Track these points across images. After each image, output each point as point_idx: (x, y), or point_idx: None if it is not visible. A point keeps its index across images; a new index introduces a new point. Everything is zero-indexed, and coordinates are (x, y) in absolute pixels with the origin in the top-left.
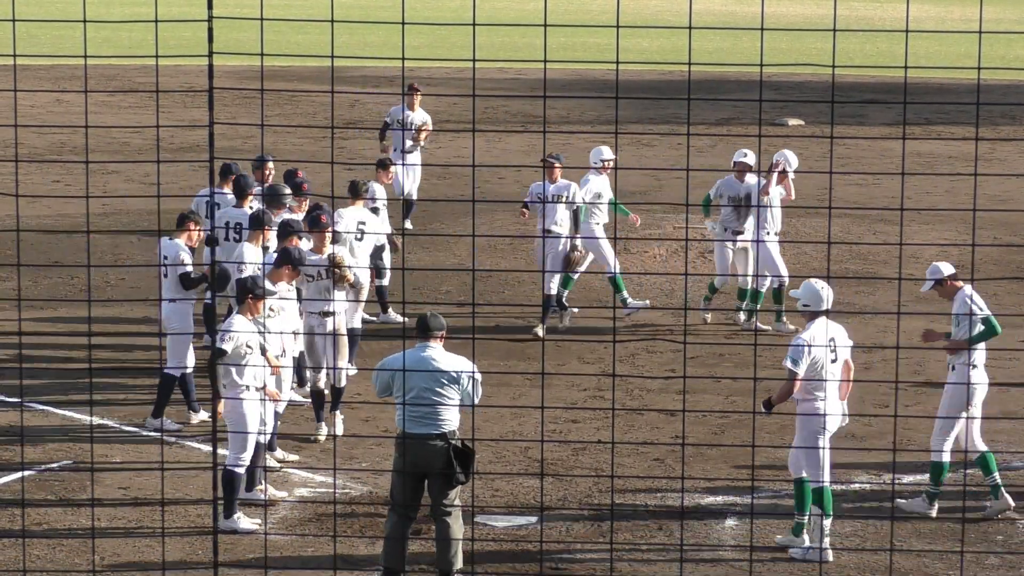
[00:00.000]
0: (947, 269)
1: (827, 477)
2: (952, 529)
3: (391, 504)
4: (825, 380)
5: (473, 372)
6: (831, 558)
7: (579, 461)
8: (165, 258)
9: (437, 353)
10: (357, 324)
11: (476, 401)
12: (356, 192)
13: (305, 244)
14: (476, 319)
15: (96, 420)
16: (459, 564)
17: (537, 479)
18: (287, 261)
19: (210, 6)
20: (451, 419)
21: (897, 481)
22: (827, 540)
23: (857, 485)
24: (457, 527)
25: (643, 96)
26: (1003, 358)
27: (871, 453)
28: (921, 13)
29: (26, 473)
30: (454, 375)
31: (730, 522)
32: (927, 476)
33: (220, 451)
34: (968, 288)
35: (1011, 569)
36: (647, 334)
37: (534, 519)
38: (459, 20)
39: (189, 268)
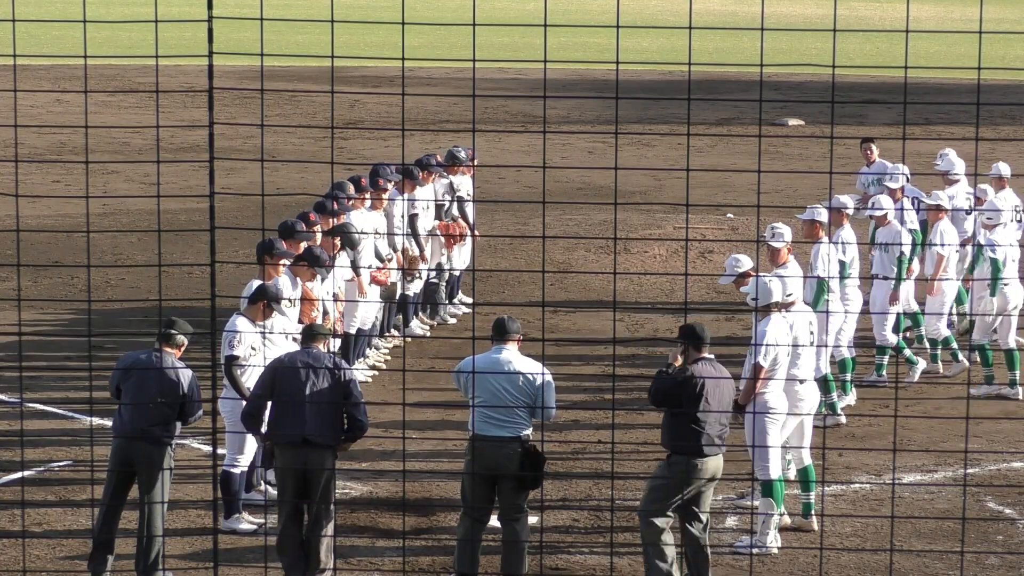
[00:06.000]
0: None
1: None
2: (952, 529)
3: (463, 508)
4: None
5: (547, 375)
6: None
7: (579, 461)
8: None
9: (513, 356)
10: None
11: (552, 405)
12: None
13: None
14: (476, 319)
15: (96, 420)
16: (525, 569)
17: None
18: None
19: (210, 6)
20: (525, 422)
21: (897, 481)
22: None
23: (857, 485)
24: (525, 532)
25: (643, 96)
26: (1003, 358)
27: (871, 453)
28: (921, 13)
29: (26, 473)
30: (529, 378)
31: (730, 522)
32: (927, 476)
33: (220, 451)
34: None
35: (1011, 569)
36: (647, 334)
37: (534, 519)
38: (459, 20)
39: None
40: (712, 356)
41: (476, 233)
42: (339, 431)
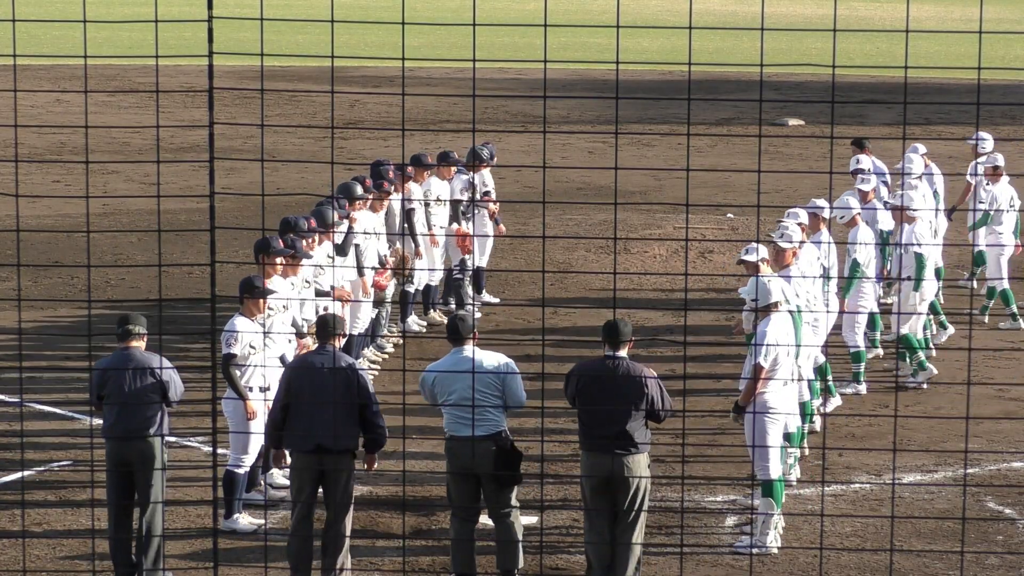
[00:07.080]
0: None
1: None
2: (952, 529)
3: (451, 509)
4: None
5: (512, 367)
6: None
7: (579, 461)
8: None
9: (471, 354)
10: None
11: (520, 396)
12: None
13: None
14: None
15: (96, 420)
16: (520, 564)
17: (537, 479)
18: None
19: (210, 6)
20: (497, 419)
21: (897, 481)
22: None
23: (857, 485)
24: (516, 527)
25: (643, 96)
26: (1003, 358)
27: (871, 453)
28: (921, 13)
29: (26, 473)
30: (494, 374)
31: (730, 522)
32: (927, 476)
33: (220, 451)
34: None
35: (1011, 569)
36: (647, 334)
37: (534, 519)
38: (459, 20)
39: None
40: (621, 354)
41: (470, 232)
42: (355, 434)
